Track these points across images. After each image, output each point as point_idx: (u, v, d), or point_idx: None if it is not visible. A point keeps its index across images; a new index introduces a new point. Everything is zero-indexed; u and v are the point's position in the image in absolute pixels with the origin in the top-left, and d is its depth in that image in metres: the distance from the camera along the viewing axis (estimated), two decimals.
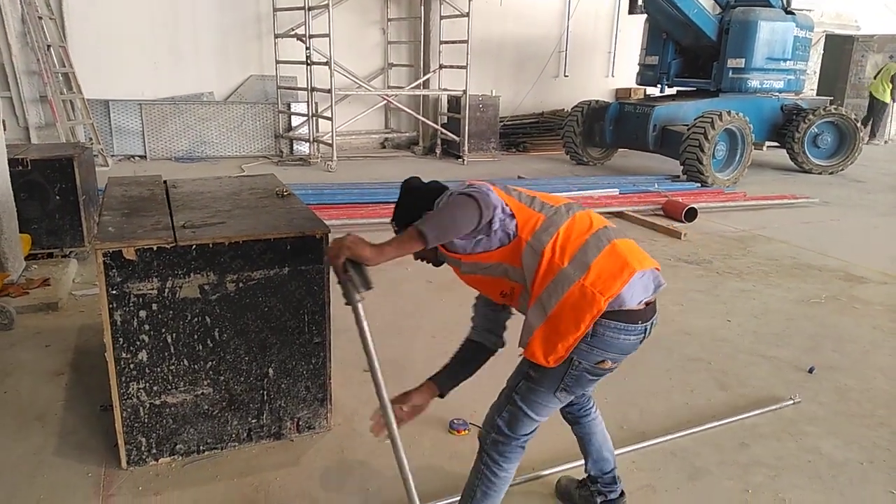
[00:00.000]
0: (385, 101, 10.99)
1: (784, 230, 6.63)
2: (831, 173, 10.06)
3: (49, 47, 8.14)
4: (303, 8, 9.17)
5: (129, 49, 9.58)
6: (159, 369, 2.47)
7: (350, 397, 3.11)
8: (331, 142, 9.33)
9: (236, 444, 2.69)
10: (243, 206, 2.97)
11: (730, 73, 9.41)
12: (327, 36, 8.87)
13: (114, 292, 2.33)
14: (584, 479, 2.39)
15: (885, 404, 3.25)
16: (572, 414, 2.30)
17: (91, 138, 8.77)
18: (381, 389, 1.94)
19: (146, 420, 2.52)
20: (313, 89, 9.51)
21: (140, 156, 9.67)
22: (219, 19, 10.12)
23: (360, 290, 1.83)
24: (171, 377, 2.50)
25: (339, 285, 1.85)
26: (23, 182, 4.62)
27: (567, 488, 2.45)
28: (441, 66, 10.84)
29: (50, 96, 7.89)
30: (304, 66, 9.44)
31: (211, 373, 2.55)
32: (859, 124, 10.07)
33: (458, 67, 10.29)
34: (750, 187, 8.61)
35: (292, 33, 9.66)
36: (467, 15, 9.95)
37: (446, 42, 10.73)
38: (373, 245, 1.81)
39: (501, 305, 2.12)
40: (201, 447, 2.64)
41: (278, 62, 9.93)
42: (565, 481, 2.49)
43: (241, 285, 2.51)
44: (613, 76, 13.62)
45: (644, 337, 1.93)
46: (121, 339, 2.39)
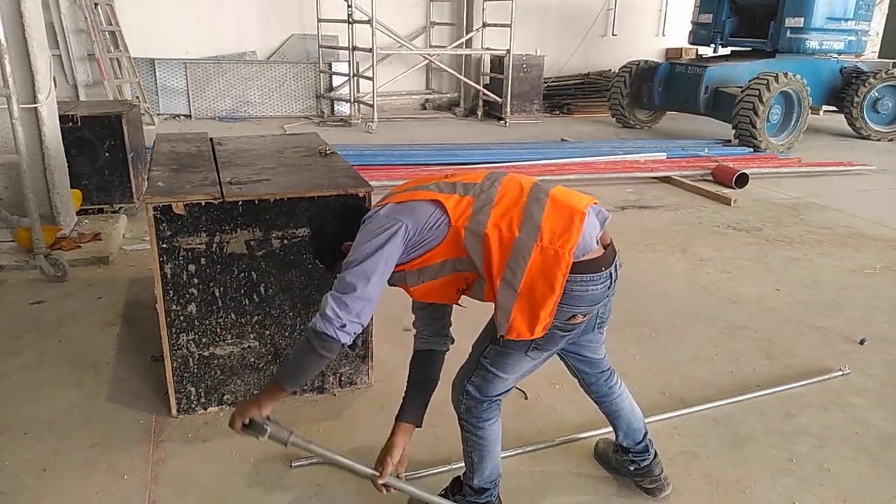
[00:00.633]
0: (426, 61, 10.86)
1: (839, 198, 6.39)
2: (890, 140, 9.63)
3: (96, 5, 8.23)
4: None
5: (172, 6, 9.64)
6: (208, 322, 2.53)
7: (391, 354, 3.14)
8: (371, 102, 9.29)
9: None
10: (287, 163, 2.98)
11: (787, 33, 8.99)
12: None
13: (164, 246, 2.38)
14: (615, 447, 2.38)
15: None
16: (596, 393, 2.28)
17: (138, 96, 8.91)
18: (366, 470, 2.03)
19: (195, 370, 2.59)
20: (354, 48, 9.45)
21: (185, 115, 9.81)
22: None
23: (283, 433, 1.90)
24: (218, 330, 2.56)
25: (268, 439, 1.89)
26: (73, 138, 4.73)
27: (605, 451, 2.44)
28: (484, 25, 10.63)
29: (97, 54, 8.00)
30: (346, 24, 9.36)
31: (257, 326, 2.61)
32: None
33: (501, 26, 10.08)
34: (805, 153, 8.30)
35: None
36: None
37: None
38: (251, 402, 1.87)
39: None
40: (248, 398, 2.70)
41: (320, 21, 9.86)
42: (603, 444, 2.48)
43: (285, 242, 2.53)
44: (664, 35, 13.16)
45: (611, 283, 1.87)
46: (171, 292, 2.44)
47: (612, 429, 2.32)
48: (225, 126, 9.23)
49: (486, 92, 10.66)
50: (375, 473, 2.02)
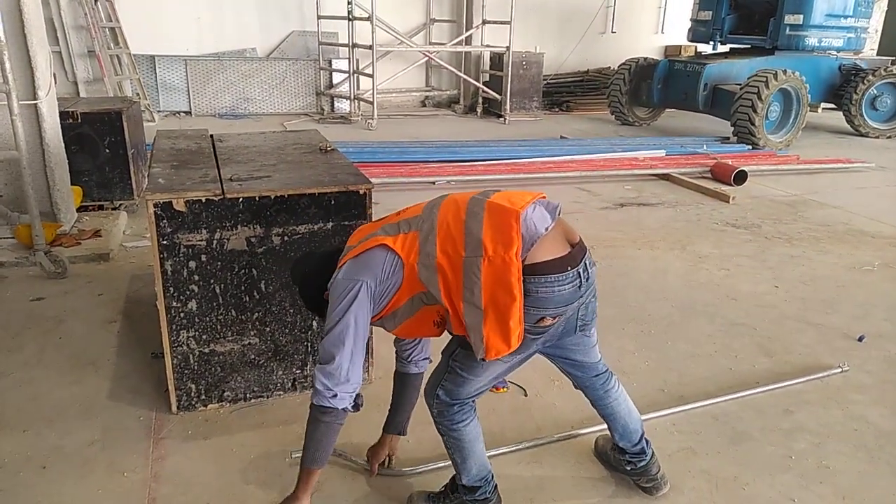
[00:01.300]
0: (426, 58, 10.85)
1: (837, 195, 6.40)
2: (889, 137, 9.63)
3: (96, 1, 8.21)
4: None
5: (173, 3, 9.63)
6: (208, 319, 2.53)
7: (390, 351, 3.11)
8: (371, 99, 9.29)
9: (281, 392, 2.77)
10: (288, 160, 2.98)
11: (786, 30, 8.99)
12: None
13: (164, 242, 2.39)
14: (611, 447, 2.39)
15: None
16: (591, 395, 2.27)
17: (138, 93, 8.89)
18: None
19: (195, 367, 2.59)
20: (355, 45, 9.44)
21: (185, 112, 9.80)
22: None
23: None
24: (219, 326, 2.56)
25: None
26: (73, 135, 4.73)
27: (604, 448, 2.45)
28: (484, 22, 10.61)
29: (98, 51, 7.98)
30: (346, 21, 9.35)
31: (257, 323, 2.61)
32: None
33: (501, 23, 10.07)
34: (803, 150, 8.31)
35: None
36: None
37: None
38: (291, 499, 2.00)
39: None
40: (248, 395, 2.72)
41: (320, 17, 9.85)
42: (602, 441, 2.49)
43: (286, 239, 2.53)
44: (663, 32, 13.17)
45: (582, 282, 1.83)
46: (171, 289, 2.45)
47: (609, 430, 2.33)
48: (225, 123, 9.23)
49: (485, 89, 10.65)
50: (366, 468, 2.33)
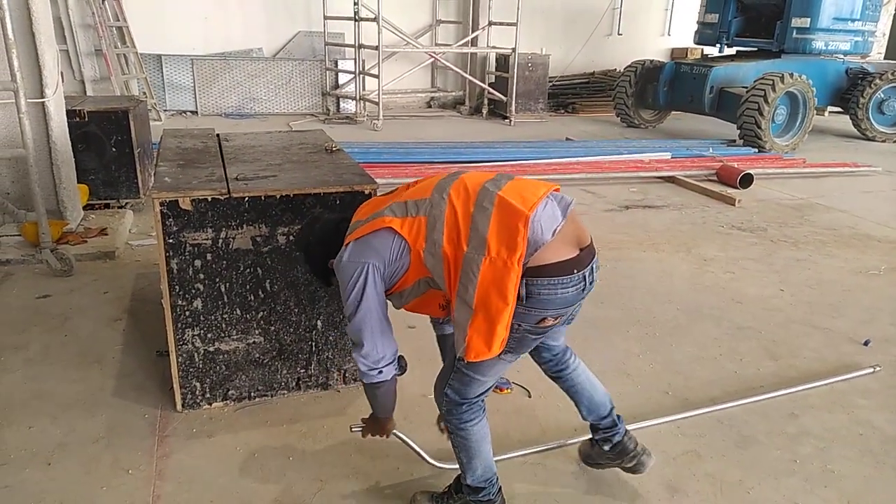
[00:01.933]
0: (432, 59, 10.86)
1: (844, 199, 6.37)
2: (895, 142, 9.59)
3: (104, 1, 8.24)
4: None
5: (179, 2, 9.66)
6: (213, 317, 2.54)
7: None
8: (377, 100, 9.29)
9: (285, 391, 2.77)
10: (293, 160, 2.99)
11: (793, 34, 8.97)
12: None
13: (170, 241, 2.39)
14: (589, 438, 2.37)
15: None
16: (550, 370, 2.28)
17: (145, 92, 8.92)
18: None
19: (200, 365, 2.60)
20: (361, 46, 9.45)
21: (191, 111, 9.82)
22: None
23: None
24: (224, 325, 2.56)
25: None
26: (80, 133, 4.74)
27: (586, 450, 2.42)
28: (490, 23, 10.62)
29: (105, 50, 8.02)
30: (352, 21, 9.36)
31: (262, 322, 2.62)
32: None
33: (507, 24, 10.07)
34: (810, 154, 8.27)
35: None
36: None
37: None
38: (379, 425, 2.18)
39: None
40: (252, 393, 2.72)
41: (326, 18, 9.87)
42: (582, 446, 2.45)
43: (291, 238, 2.54)
44: (670, 35, 13.15)
45: (586, 285, 1.82)
46: (177, 287, 2.45)
47: (577, 408, 2.30)
48: (231, 122, 9.24)
49: (491, 90, 10.65)
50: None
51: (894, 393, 3.02)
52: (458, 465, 2.12)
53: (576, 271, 1.78)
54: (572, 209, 1.85)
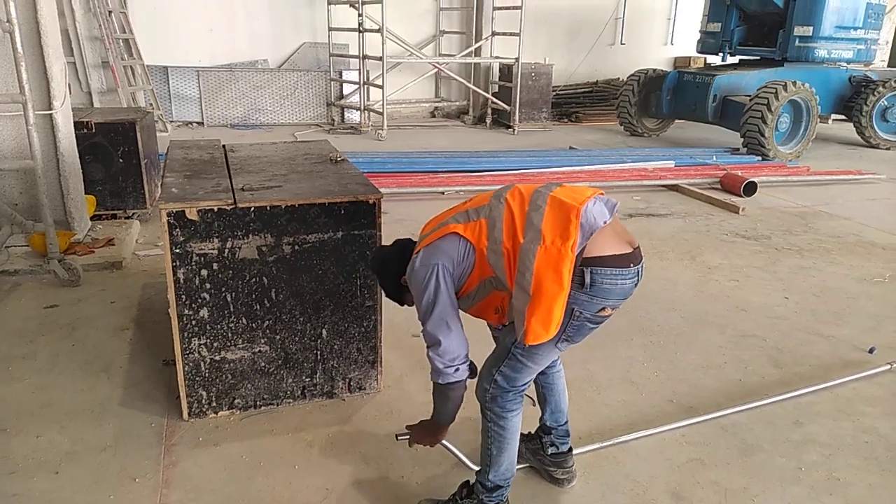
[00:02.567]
0: (436, 70, 10.92)
1: (848, 207, 6.37)
2: None
3: (110, 13, 8.32)
4: None
5: (185, 15, 9.75)
6: (219, 326, 2.56)
7: (400, 360, 3.17)
8: (381, 110, 9.34)
9: (291, 400, 2.78)
10: (298, 170, 3.02)
11: (796, 42, 8.98)
12: (380, 2, 8.83)
13: (177, 251, 2.42)
14: (532, 432, 2.44)
15: None
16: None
17: (151, 104, 8.99)
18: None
19: (207, 374, 2.62)
20: (365, 57, 9.51)
21: (197, 122, 9.89)
22: None
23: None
24: (230, 334, 2.58)
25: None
26: (87, 145, 4.79)
27: (527, 445, 2.45)
28: (493, 34, 10.67)
29: (111, 62, 8.08)
30: (357, 33, 9.43)
31: (268, 331, 2.63)
32: None
33: (510, 34, 10.12)
34: (813, 162, 8.28)
35: (345, 0, 9.65)
36: None
37: (499, 8, 10.54)
38: (431, 433, 2.20)
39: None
40: (258, 402, 2.73)
41: (331, 29, 9.94)
42: (526, 440, 2.47)
43: (296, 248, 2.56)
44: (672, 44, 13.17)
45: (638, 281, 1.95)
46: (183, 297, 2.48)
47: (540, 406, 2.41)
48: (237, 133, 9.31)
49: (494, 100, 10.69)
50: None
51: None
52: (482, 462, 2.16)
53: (632, 265, 1.91)
54: (617, 210, 1.99)
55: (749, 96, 8.38)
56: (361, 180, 2.85)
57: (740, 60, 9.99)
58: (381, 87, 9.27)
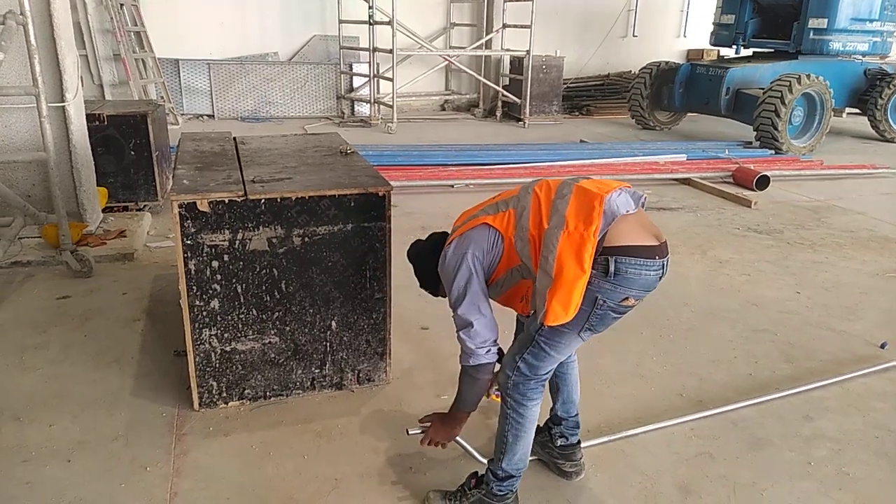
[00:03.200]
0: (446, 62, 10.89)
1: (862, 201, 6.31)
2: None
3: (122, 6, 8.36)
4: None
5: (196, 8, 9.77)
6: (230, 317, 2.57)
7: (408, 352, 3.17)
8: (391, 103, 9.34)
9: (300, 391, 2.80)
10: (309, 162, 3.02)
11: (811, 34, 8.89)
12: None
13: (188, 242, 2.43)
14: (542, 424, 2.43)
15: None
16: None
17: (162, 96, 9.03)
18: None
19: (217, 365, 2.64)
20: (375, 49, 9.50)
21: (208, 115, 9.92)
22: None
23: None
24: (240, 325, 2.60)
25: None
26: (99, 137, 4.82)
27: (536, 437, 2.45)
28: (504, 26, 10.63)
29: (123, 54, 8.13)
30: (367, 25, 9.42)
31: (278, 323, 2.65)
32: None
33: (521, 27, 10.08)
34: (827, 156, 8.20)
35: None
36: None
37: (510, 0, 10.50)
38: (450, 425, 2.25)
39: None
40: (268, 393, 2.75)
41: (341, 22, 9.93)
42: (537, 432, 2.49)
43: (306, 240, 2.57)
44: (685, 36, 13.07)
45: (662, 274, 1.97)
46: (194, 288, 2.49)
47: (552, 397, 2.42)
48: (247, 126, 9.33)
49: (505, 93, 10.66)
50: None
51: None
52: (496, 450, 2.17)
53: (657, 257, 1.93)
54: (643, 201, 2.03)
55: (762, 89, 8.32)
56: (371, 172, 2.85)
57: (754, 53, 9.90)
58: (392, 79, 9.26)
